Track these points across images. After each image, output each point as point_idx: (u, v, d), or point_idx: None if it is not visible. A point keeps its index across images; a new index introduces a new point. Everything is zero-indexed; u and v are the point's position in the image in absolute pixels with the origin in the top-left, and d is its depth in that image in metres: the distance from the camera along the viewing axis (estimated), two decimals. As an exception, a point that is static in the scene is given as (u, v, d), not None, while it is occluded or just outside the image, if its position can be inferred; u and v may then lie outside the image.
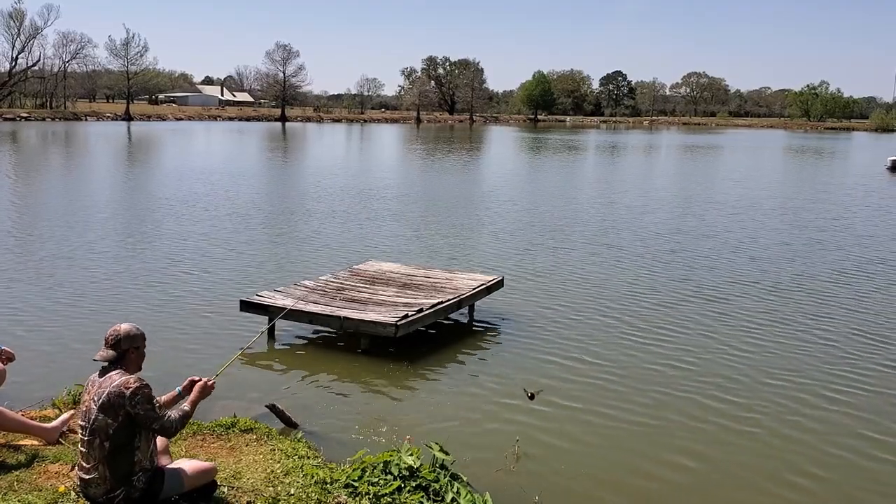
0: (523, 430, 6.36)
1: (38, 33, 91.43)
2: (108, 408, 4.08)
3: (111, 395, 4.08)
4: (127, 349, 4.27)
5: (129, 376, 4.18)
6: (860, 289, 11.90)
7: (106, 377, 4.19)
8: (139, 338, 4.34)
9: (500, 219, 18.95)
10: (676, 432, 6.48)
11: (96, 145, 46.61)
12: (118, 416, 4.08)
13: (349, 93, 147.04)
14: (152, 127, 75.89)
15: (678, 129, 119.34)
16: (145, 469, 4.22)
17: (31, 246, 13.97)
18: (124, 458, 4.14)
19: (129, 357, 4.28)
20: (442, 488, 4.81)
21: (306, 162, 38.79)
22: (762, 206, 22.55)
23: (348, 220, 18.01)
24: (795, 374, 7.93)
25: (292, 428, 6.17)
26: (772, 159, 49.85)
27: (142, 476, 4.19)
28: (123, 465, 4.14)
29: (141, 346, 4.36)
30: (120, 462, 4.13)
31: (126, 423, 4.09)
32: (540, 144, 61.79)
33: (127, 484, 4.15)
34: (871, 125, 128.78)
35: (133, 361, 4.31)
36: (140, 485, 4.18)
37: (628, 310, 10.35)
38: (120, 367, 4.23)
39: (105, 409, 4.08)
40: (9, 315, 9.42)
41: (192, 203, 20.15)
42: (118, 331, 4.28)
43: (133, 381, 4.13)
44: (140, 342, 4.34)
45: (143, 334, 4.39)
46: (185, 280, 11.47)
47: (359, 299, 8.80)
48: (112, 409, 4.07)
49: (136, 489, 4.17)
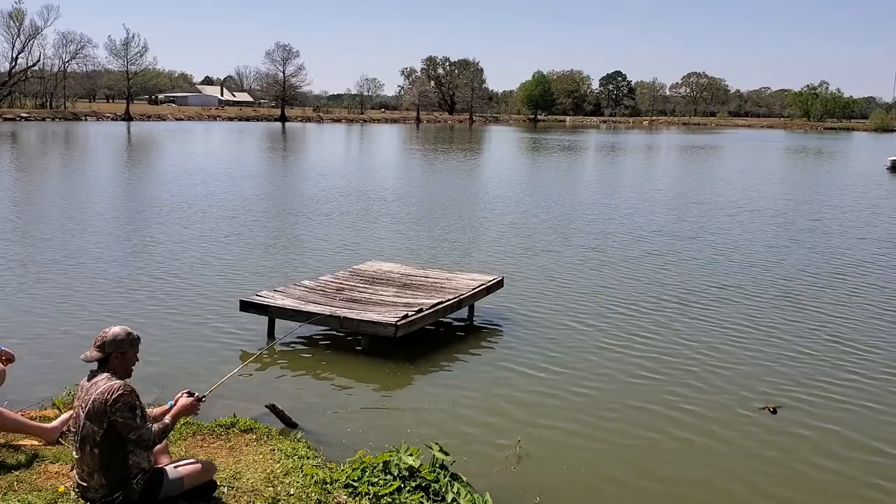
0: (524, 430, 6.35)
1: (38, 33, 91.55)
2: (94, 415, 4.03)
3: (95, 403, 4.02)
4: (110, 353, 4.17)
5: (115, 382, 4.08)
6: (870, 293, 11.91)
7: (93, 382, 4.12)
8: (125, 343, 4.21)
9: (500, 219, 18.95)
10: (678, 432, 6.48)
11: (96, 146, 46.60)
12: (102, 423, 4.03)
13: (349, 93, 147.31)
14: (152, 127, 75.87)
15: (678, 129, 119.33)
16: (144, 470, 4.20)
17: (30, 246, 13.96)
18: (118, 464, 4.10)
19: (112, 361, 4.18)
20: (442, 488, 4.81)
21: (306, 162, 38.77)
22: (762, 207, 22.55)
23: (348, 221, 18.01)
24: (803, 376, 7.94)
25: (292, 428, 6.17)
26: (772, 159, 49.84)
27: (141, 478, 4.17)
28: (118, 470, 4.11)
29: (128, 351, 4.23)
30: (114, 468, 4.10)
31: (111, 431, 4.04)
32: (540, 145, 61.78)
33: (125, 487, 4.13)
34: (870, 125, 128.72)
35: (118, 366, 4.19)
36: (139, 486, 4.16)
37: (629, 309, 10.34)
38: (107, 371, 4.16)
39: (91, 417, 4.04)
40: (9, 315, 9.42)
41: (191, 203, 20.14)
42: (106, 334, 4.21)
43: (117, 389, 4.04)
44: (126, 347, 4.21)
45: (131, 339, 4.25)
46: (185, 280, 11.46)
47: (359, 299, 8.80)
48: (97, 416, 4.02)
49: (135, 491, 4.15)
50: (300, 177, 30.00)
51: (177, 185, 24.44)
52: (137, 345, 4.32)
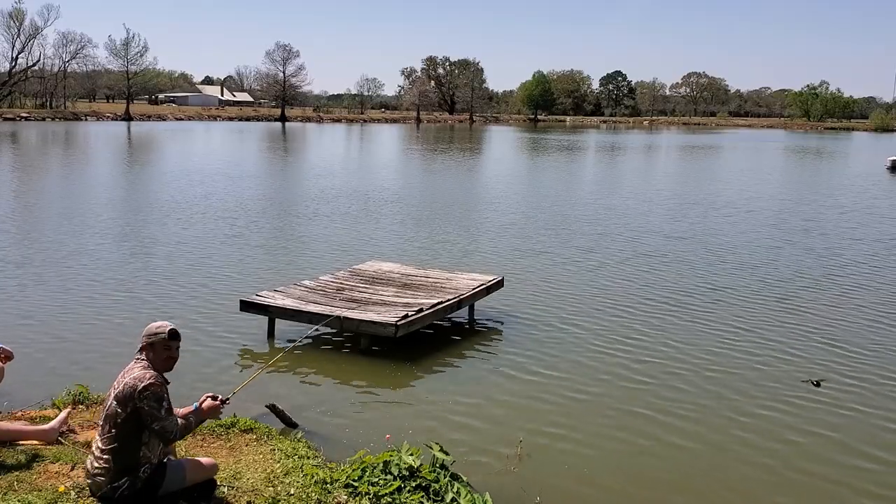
0: (524, 430, 6.35)
1: (38, 33, 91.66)
2: (122, 398, 4.17)
3: (126, 387, 4.18)
4: (142, 346, 4.34)
5: (148, 371, 4.23)
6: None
7: (130, 367, 4.29)
8: (152, 335, 4.32)
9: (500, 219, 18.95)
10: (680, 433, 6.48)
11: (96, 146, 46.60)
12: (127, 407, 4.15)
13: (349, 93, 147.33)
14: (152, 127, 75.88)
15: (678, 129, 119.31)
16: (152, 464, 4.28)
17: (30, 247, 13.96)
18: (129, 451, 4.19)
19: (146, 352, 4.33)
20: (442, 488, 4.81)
21: (306, 162, 38.78)
22: (762, 208, 22.55)
23: (348, 221, 18.00)
24: (800, 378, 7.94)
25: (292, 428, 6.17)
26: (772, 159, 49.84)
27: (147, 469, 4.26)
28: (127, 457, 4.19)
29: (158, 347, 4.31)
30: (124, 454, 4.19)
31: (133, 417, 4.15)
32: (539, 145, 61.76)
33: (131, 475, 4.21)
34: (870, 125, 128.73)
35: (151, 358, 4.32)
36: (143, 477, 4.24)
37: (629, 309, 10.34)
38: (144, 360, 4.31)
39: (119, 399, 4.18)
40: (9, 315, 9.42)
41: (191, 203, 20.14)
42: (150, 327, 4.38)
43: (148, 377, 4.19)
44: (153, 339, 4.31)
45: (164, 338, 4.31)
46: (185, 280, 11.46)
47: (359, 299, 8.80)
48: (124, 400, 4.16)
49: (140, 480, 4.23)
50: (300, 177, 30.00)
51: (176, 186, 24.43)
52: (169, 340, 4.34)
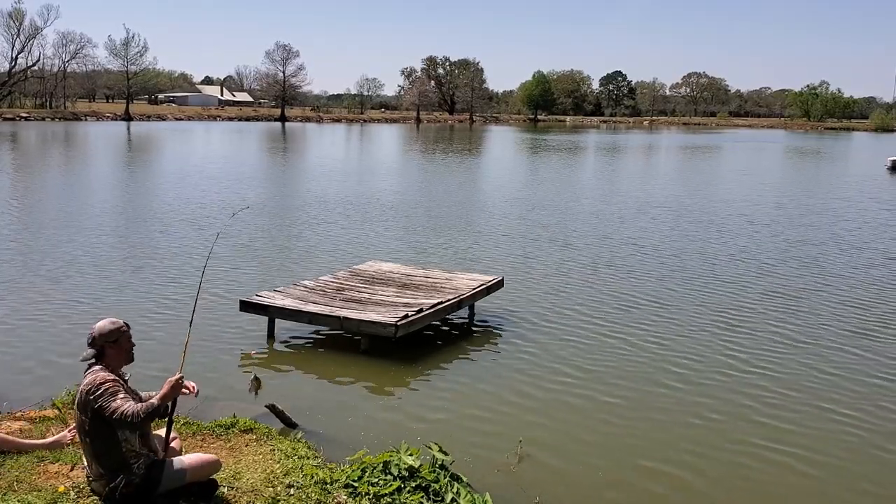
0: (524, 430, 6.35)
1: (38, 33, 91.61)
2: (81, 407, 4.19)
3: (81, 394, 4.18)
4: (102, 346, 4.27)
5: (98, 374, 4.18)
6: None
7: (85, 376, 4.26)
8: (115, 332, 4.29)
9: (500, 219, 18.95)
10: (679, 433, 6.48)
11: (96, 145, 46.59)
12: (87, 412, 4.15)
13: (349, 93, 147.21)
14: (152, 127, 75.86)
15: (678, 129, 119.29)
16: (143, 455, 4.27)
17: (30, 247, 13.96)
18: (111, 452, 4.20)
19: (107, 353, 4.27)
20: (442, 488, 4.81)
21: (306, 163, 38.77)
22: (762, 208, 22.55)
23: (348, 221, 18.00)
24: (811, 380, 7.94)
25: (292, 428, 6.17)
26: (772, 160, 49.84)
27: (142, 462, 4.26)
28: (113, 456, 4.20)
29: (120, 339, 4.30)
30: (107, 454, 4.20)
31: (97, 419, 4.13)
32: (540, 145, 61.76)
33: (126, 471, 4.22)
34: (871, 125, 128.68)
35: (113, 357, 4.28)
36: (140, 471, 4.24)
37: (629, 310, 10.34)
38: (101, 364, 4.25)
39: (80, 408, 4.20)
40: (8, 315, 9.42)
41: (191, 203, 20.14)
42: (94, 330, 4.31)
43: (99, 380, 4.15)
44: (117, 336, 4.29)
45: (118, 328, 4.30)
46: (185, 280, 11.46)
47: (359, 299, 8.80)
48: (84, 407, 4.17)
49: (137, 475, 4.23)
50: (300, 177, 30.00)
51: (176, 186, 24.42)
52: (128, 331, 4.39)
